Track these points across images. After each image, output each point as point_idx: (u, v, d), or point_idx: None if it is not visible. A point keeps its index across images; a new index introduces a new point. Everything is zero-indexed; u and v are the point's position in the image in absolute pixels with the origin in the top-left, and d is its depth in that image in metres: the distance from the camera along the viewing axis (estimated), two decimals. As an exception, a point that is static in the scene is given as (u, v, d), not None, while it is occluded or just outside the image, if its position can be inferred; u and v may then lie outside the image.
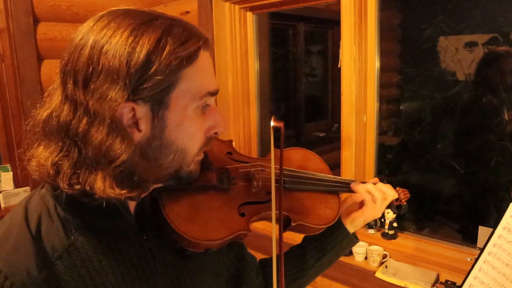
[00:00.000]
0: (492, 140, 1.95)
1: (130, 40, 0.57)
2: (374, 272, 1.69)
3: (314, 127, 3.64)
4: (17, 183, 2.29)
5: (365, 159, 1.91)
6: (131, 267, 0.67)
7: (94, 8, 2.42)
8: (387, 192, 0.97)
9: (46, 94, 0.64)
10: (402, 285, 1.59)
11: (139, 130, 0.61)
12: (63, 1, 2.28)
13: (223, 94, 2.24)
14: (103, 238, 0.65)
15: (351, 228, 0.96)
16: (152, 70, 0.57)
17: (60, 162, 0.60)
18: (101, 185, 0.58)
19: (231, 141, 0.90)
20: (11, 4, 2.06)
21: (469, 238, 1.75)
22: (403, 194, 1.02)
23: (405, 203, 1.02)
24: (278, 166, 0.70)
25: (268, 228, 1.89)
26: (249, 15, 2.27)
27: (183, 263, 0.75)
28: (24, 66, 2.13)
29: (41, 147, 0.63)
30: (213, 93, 0.66)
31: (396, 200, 1.00)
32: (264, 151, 2.46)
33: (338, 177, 0.99)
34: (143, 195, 0.67)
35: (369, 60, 1.81)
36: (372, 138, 1.88)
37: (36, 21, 2.19)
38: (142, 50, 0.57)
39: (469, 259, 1.51)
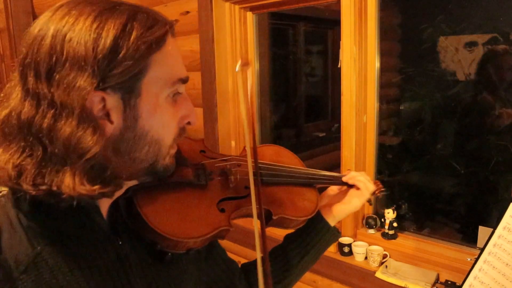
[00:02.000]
0: (492, 140, 1.95)
1: (94, 26, 0.55)
2: (374, 272, 1.69)
3: (314, 127, 3.64)
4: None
5: (365, 159, 1.90)
6: (107, 275, 0.62)
7: (94, 8, 2.41)
8: (368, 181, 0.97)
9: (2, 94, 0.59)
10: (402, 285, 1.59)
11: (111, 122, 0.58)
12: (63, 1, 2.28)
13: (223, 94, 2.24)
14: (73, 246, 0.60)
15: (332, 221, 0.95)
16: (120, 55, 0.55)
17: (22, 163, 0.55)
18: (70, 182, 0.54)
19: (202, 139, 0.89)
20: (11, 4, 2.06)
21: (469, 238, 1.75)
22: (376, 185, 1.02)
23: (379, 194, 1.03)
24: (254, 160, 0.70)
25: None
26: (249, 15, 2.26)
27: (163, 269, 0.72)
28: (24, 66, 2.13)
29: (1, 150, 0.57)
30: (184, 80, 0.64)
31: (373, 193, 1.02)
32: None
33: (317, 170, 0.98)
34: (117, 194, 0.64)
35: (369, 60, 1.81)
36: (372, 138, 1.88)
37: (36, 21, 2.19)
38: (108, 35, 0.55)
39: (469, 259, 1.51)
